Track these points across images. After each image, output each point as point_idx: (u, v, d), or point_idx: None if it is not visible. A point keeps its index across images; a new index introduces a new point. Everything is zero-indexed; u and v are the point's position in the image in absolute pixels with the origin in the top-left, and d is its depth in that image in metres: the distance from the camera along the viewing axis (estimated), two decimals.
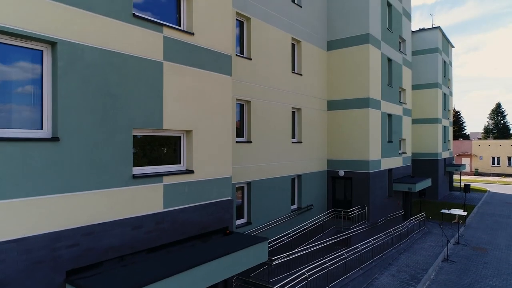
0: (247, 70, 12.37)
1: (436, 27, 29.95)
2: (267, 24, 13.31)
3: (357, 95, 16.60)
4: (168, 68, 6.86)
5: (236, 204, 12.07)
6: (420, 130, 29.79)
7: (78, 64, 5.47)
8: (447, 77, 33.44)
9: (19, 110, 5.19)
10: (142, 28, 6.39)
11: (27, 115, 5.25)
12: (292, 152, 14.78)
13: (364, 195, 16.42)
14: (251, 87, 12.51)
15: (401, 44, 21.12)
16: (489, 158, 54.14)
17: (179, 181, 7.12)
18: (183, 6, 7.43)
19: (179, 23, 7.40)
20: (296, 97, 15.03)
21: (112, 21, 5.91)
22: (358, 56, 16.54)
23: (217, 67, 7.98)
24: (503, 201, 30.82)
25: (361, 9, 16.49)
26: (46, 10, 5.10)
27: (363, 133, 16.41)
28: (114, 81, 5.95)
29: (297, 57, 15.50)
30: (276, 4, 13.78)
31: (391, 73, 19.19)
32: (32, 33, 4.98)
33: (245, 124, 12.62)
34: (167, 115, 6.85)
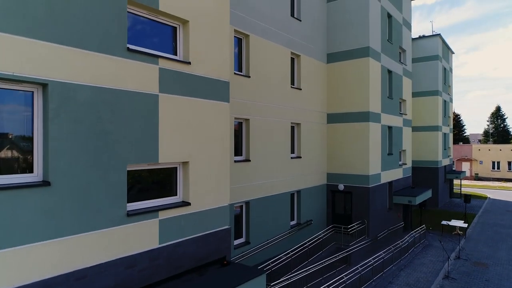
0: (246, 88, 12.21)
1: (436, 35, 29.82)
2: (266, 40, 13.16)
3: (357, 108, 16.45)
4: (164, 100, 6.70)
5: (235, 212, 11.92)
6: (420, 138, 29.65)
7: (70, 104, 5.31)
8: (447, 83, 33.31)
9: (8, 154, 5.03)
10: (136, 61, 6.23)
11: (17, 159, 5.09)
12: (291, 168, 14.63)
13: (364, 210, 16.27)
14: (249, 105, 12.35)
15: (401, 55, 20.98)
16: (489, 162, 54.03)
17: (175, 214, 6.95)
18: (179, 35, 7.27)
19: (175, 53, 7.24)
20: (295, 112, 14.88)
21: (105, 57, 5.75)
22: (358, 69, 16.39)
23: (215, 95, 7.82)
24: (503, 209, 30.68)
25: (361, 21, 16.34)
26: (36, 51, 4.94)
27: (363, 147, 16.25)
28: (107, 119, 5.78)
29: (296, 71, 15.35)
30: (275, 19, 13.63)
31: (391, 85, 19.04)
32: (21, 77, 4.82)
33: (244, 143, 12.46)
34: (163, 149, 6.69)
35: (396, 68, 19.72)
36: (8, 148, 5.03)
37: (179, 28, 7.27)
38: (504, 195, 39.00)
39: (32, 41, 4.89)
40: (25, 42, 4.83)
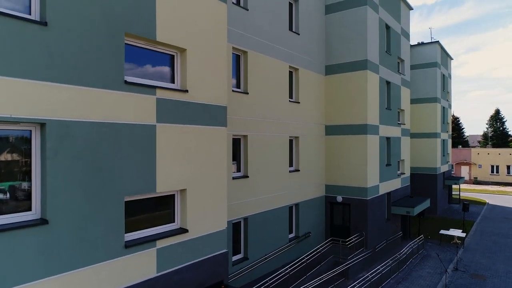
0: (244, 104, 12.26)
1: (435, 42, 29.89)
2: (264, 56, 13.21)
3: (355, 121, 16.50)
4: (161, 130, 6.74)
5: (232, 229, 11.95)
6: (419, 145, 29.70)
7: (67, 141, 5.36)
8: (446, 90, 33.37)
9: (7, 193, 5.07)
10: (134, 93, 6.28)
11: (15, 197, 5.14)
12: (289, 181, 14.67)
13: (363, 222, 16.31)
14: (247, 121, 12.40)
15: (399, 65, 21.04)
16: (488, 166, 54.08)
17: (173, 242, 7.00)
18: (176, 63, 7.32)
19: (173, 81, 7.29)
20: (293, 125, 14.93)
21: (103, 91, 5.80)
22: (356, 82, 16.44)
23: (212, 120, 7.87)
24: (502, 216, 30.72)
25: (359, 34, 16.39)
26: (34, 91, 4.99)
27: (361, 160, 16.30)
28: (105, 153, 5.83)
29: (294, 85, 15.40)
30: (274, 34, 13.68)
31: (390, 96, 19.10)
32: (19, 118, 4.87)
33: (242, 159, 12.50)
34: (161, 178, 6.74)
35: (395, 78, 19.77)
36: (6, 187, 5.07)
37: (177, 56, 7.32)
38: (502, 200, 39.05)
39: (29, 82, 4.94)
40: (23, 84, 4.88)
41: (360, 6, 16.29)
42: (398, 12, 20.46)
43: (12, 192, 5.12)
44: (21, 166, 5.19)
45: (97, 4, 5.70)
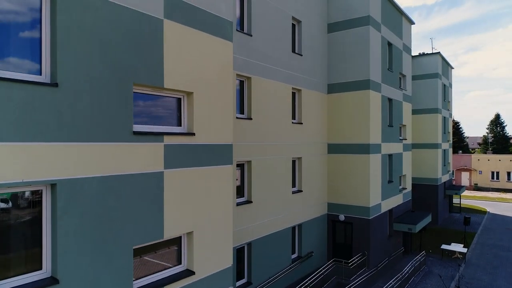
0: (248, 130, 12.30)
1: (436, 53, 29.96)
2: (267, 80, 13.26)
3: (357, 140, 16.54)
4: (169, 176, 6.78)
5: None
6: (420, 155, 29.74)
7: (77, 199, 5.38)
8: (446, 100, 33.44)
9: (17, 252, 5.10)
10: (142, 143, 6.32)
11: (26, 256, 5.17)
12: (292, 202, 14.71)
13: (365, 241, 16.35)
14: (251, 147, 12.44)
15: (401, 80, 21.09)
16: (489, 172, 54.18)
17: (181, 285, 7.03)
18: (183, 106, 7.35)
19: (180, 123, 7.33)
20: (296, 146, 14.98)
21: (112, 145, 5.84)
22: (359, 101, 16.49)
23: (218, 160, 7.91)
24: (503, 226, 30.78)
25: (361, 53, 16.43)
26: (44, 153, 5.02)
27: (363, 179, 16.34)
28: (113, 206, 5.85)
29: (297, 106, 15.44)
30: (277, 57, 13.72)
31: (392, 113, 19.15)
32: (30, 182, 4.91)
33: (245, 184, 12.54)
34: (168, 224, 6.76)
35: (396, 95, 19.83)
36: (17, 246, 5.10)
37: (183, 98, 7.36)
38: (503, 208, 39.12)
39: (40, 144, 4.97)
40: (34, 148, 4.91)
41: (363, 26, 16.34)
42: (400, 28, 20.51)
43: (22, 251, 5.15)
44: (32, 225, 5.22)
45: (106, 59, 5.73)
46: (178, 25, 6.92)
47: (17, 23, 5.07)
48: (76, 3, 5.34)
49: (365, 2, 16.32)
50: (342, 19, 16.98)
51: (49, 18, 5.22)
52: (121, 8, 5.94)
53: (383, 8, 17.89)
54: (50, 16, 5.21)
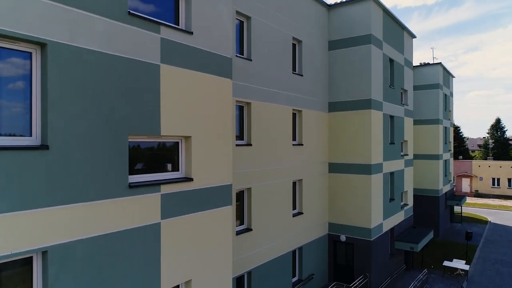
0: (247, 157, 12.06)
1: (437, 63, 29.75)
2: (268, 104, 13.02)
3: (358, 160, 16.31)
4: (166, 226, 6.53)
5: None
6: (421, 166, 29.50)
7: (69, 263, 5.15)
8: (447, 109, 33.22)
9: None
10: (138, 196, 6.07)
11: None
12: (293, 226, 14.48)
13: (367, 263, 16.12)
14: (251, 174, 12.20)
15: (402, 95, 20.86)
16: (489, 179, 53.92)
17: None
18: (181, 151, 7.11)
19: (177, 169, 7.09)
20: (297, 169, 14.74)
21: (105, 202, 5.59)
22: (360, 121, 16.26)
23: (217, 203, 7.67)
24: (505, 237, 30.51)
25: (363, 72, 16.20)
26: (34, 221, 4.78)
27: (365, 200, 16.11)
28: (107, 264, 5.62)
29: (298, 127, 15.21)
30: (277, 80, 13.49)
31: (393, 130, 18.93)
32: (20, 253, 4.67)
33: (245, 211, 12.31)
34: (165, 275, 6.53)
35: (398, 111, 19.60)
36: None
37: (181, 143, 7.12)
38: (504, 217, 38.84)
39: (29, 212, 4.73)
40: (22, 216, 4.66)
41: (364, 45, 16.12)
42: (401, 43, 20.29)
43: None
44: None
45: (100, 113, 5.50)
46: (175, 69, 6.71)
47: (6, 86, 4.84)
48: (68, 60, 5.11)
49: (367, 20, 16.10)
50: (344, 37, 16.75)
51: (39, 78, 4.99)
52: (116, 58, 5.72)
53: (385, 25, 17.67)
54: (41, 75, 4.98)
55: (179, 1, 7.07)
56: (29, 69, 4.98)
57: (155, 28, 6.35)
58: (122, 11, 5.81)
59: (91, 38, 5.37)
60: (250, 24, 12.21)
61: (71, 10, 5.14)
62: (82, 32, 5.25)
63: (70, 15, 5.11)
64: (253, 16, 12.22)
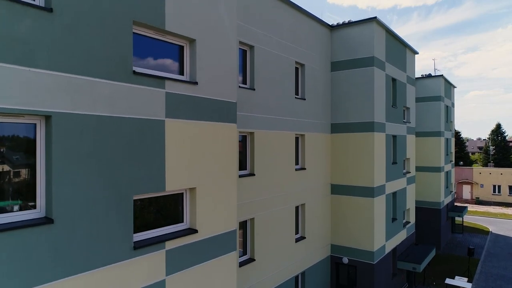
0: (250, 187, 11.98)
1: (439, 75, 29.68)
2: (271, 131, 12.95)
3: (361, 183, 16.23)
4: (172, 281, 6.47)
5: None
6: (422, 178, 29.41)
7: None
8: (449, 120, 33.15)
9: None
10: (142, 256, 6.01)
11: None
12: (296, 251, 14.40)
13: (369, 285, 16.04)
14: (254, 204, 12.12)
15: (405, 113, 20.79)
16: (490, 186, 53.83)
17: None
18: (186, 204, 7.04)
19: (182, 220, 7.02)
20: (299, 194, 14.66)
21: (111, 267, 5.52)
22: (363, 143, 16.19)
23: (222, 250, 7.61)
24: (506, 250, 30.41)
25: (366, 95, 16.12)
26: None
27: (368, 223, 16.04)
28: None
29: (300, 151, 15.14)
30: (280, 107, 13.41)
31: (396, 150, 18.85)
32: None
33: (248, 241, 12.23)
34: None
35: (400, 130, 19.53)
36: None
37: (186, 194, 7.05)
38: (506, 227, 38.74)
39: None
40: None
41: (367, 67, 16.05)
42: (404, 60, 20.23)
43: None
44: None
45: (105, 177, 5.42)
46: (180, 122, 6.64)
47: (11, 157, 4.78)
48: (72, 129, 5.04)
49: (370, 42, 16.03)
50: (346, 58, 16.68)
51: (44, 149, 4.92)
52: (120, 120, 5.65)
53: (387, 45, 17.59)
54: (46, 147, 4.91)
55: (184, 52, 7.00)
56: (33, 140, 4.91)
57: (160, 83, 6.28)
58: (127, 71, 5.74)
59: (95, 103, 5.30)
60: (253, 52, 12.13)
61: (75, 78, 5.06)
62: (86, 98, 5.18)
63: (73, 83, 5.04)
64: (256, 45, 12.16)
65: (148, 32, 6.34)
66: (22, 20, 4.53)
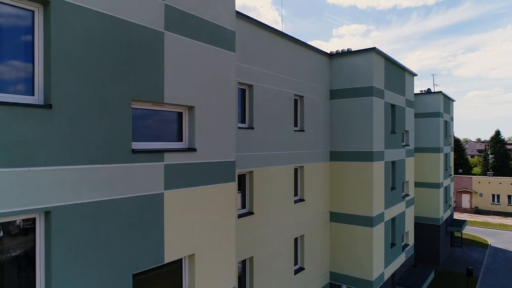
0: (249, 226, 12.02)
1: (438, 92, 29.74)
2: (270, 167, 12.98)
3: (360, 212, 16.28)
4: None
5: None
6: (421, 194, 29.44)
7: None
8: (448, 135, 33.21)
9: None
10: None
11: None
12: (295, 283, 14.42)
13: None
14: (252, 242, 12.15)
15: (404, 136, 20.84)
16: (489, 195, 53.90)
17: None
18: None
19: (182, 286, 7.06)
20: (298, 225, 14.70)
21: None
22: (361, 172, 16.23)
23: None
24: (505, 265, 30.44)
25: (364, 124, 16.17)
26: None
27: (367, 252, 16.08)
28: None
29: (299, 182, 15.17)
30: (279, 142, 13.44)
31: (395, 175, 18.90)
32: None
33: (247, 279, 12.25)
34: None
35: (400, 155, 19.57)
36: None
37: (184, 260, 7.08)
38: (505, 239, 38.77)
39: None
40: None
41: (366, 97, 16.10)
42: (403, 84, 20.28)
43: None
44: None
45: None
46: (178, 191, 6.64)
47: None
48: (72, 220, 5.05)
49: (369, 72, 16.08)
50: (345, 87, 16.73)
51: (43, 245, 4.93)
52: (120, 201, 5.65)
53: (386, 72, 17.65)
54: (45, 242, 4.93)
55: (183, 118, 7.03)
56: (33, 237, 4.92)
57: (159, 157, 6.30)
58: (126, 151, 5.76)
59: (94, 189, 5.31)
60: (252, 91, 12.17)
61: (74, 168, 5.08)
62: (86, 187, 5.20)
63: (73, 174, 5.05)
64: (255, 83, 12.20)
65: (146, 106, 6.37)
66: (22, 123, 4.56)
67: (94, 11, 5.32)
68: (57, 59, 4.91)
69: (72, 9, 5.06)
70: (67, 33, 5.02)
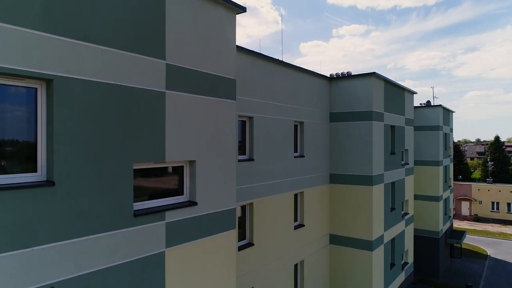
0: (249, 258, 12.03)
1: (438, 105, 29.80)
2: (269, 197, 13.01)
3: (359, 235, 16.31)
4: None
5: None
6: (420, 208, 29.43)
7: None
8: (447, 147, 33.27)
9: None
10: None
11: None
12: None
13: None
14: (252, 273, 12.17)
15: (403, 155, 20.88)
16: (489, 203, 53.96)
17: None
18: None
19: None
20: (298, 251, 14.71)
21: None
22: (361, 196, 16.27)
23: None
24: (505, 278, 30.45)
25: (364, 148, 16.21)
26: None
27: (367, 277, 16.09)
28: None
29: (299, 208, 15.20)
30: (279, 171, 13.45)
31: (394, 196, 18.94)
32: None
33: None
34: None
35: (399, 175, 19.62)
36: None
37: None
38: (504, 250, 38.81)
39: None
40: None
41: (366, 121, 16.14)
42: (402, 104, 20.33)
43: None
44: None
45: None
46: (179, 248, 6.69)
47: None
48: None
49: (368, 96, 16.11)
50: (345, 110, 16.77)
51: None
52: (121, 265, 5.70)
53: (386, 94, 17.70)
54: None
55: (184, 172, 7.07)
56: None
57: (161, 216, 6.34)
58: (128, 216, 5.81)
59: (98, 258, 5.35)
60: (252, 122, 12.20)
61: (77, 241, 5.12)
62: (88, 258, 5.24)
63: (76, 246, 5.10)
64: (255, 115, 12.23)
65: (147, 165, 6.41)
66: (26, 205, 4.60)
67: (95, 82, 5.36)
68: (59, 135, 4.96)
69: (74, 84, 5.11)
70: (70, 108, 5.06)
